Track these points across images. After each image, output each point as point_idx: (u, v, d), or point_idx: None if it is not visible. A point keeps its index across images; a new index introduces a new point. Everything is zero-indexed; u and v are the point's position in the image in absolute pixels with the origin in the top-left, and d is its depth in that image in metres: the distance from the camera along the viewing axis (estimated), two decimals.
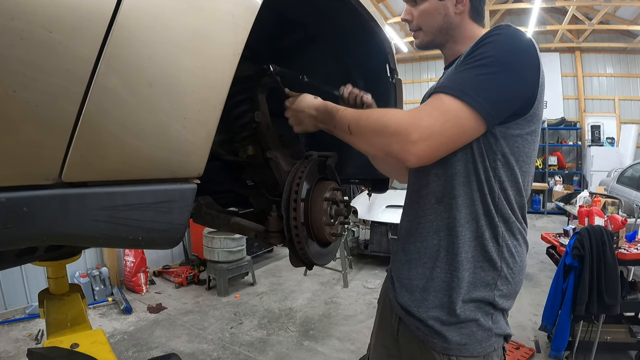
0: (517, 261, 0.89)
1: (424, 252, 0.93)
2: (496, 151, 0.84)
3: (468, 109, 0.76)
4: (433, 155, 0.80)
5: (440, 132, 0.77)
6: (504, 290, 0.88)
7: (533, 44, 0.81)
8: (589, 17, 7.66)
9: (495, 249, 0.86)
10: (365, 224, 5.05)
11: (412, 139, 0.77)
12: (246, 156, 1.18)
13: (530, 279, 4.34)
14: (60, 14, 0.47)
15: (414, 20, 0.99)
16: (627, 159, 7.75)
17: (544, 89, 0.84)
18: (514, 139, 0.84)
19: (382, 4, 7.26)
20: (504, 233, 0.87)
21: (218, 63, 0.66)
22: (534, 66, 0.80)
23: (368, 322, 3.45)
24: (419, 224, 0.94)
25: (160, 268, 4.69)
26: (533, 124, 0.85)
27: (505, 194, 0.86)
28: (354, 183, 1.71)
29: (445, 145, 0.80)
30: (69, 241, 0.56)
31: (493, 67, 0.78)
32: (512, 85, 0.78)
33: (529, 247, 0.94)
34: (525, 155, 0.87)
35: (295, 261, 1.06)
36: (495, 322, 0.88)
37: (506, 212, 0.86)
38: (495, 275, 0.87)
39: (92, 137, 0.52)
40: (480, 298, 0.87)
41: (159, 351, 2.97)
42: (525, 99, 0.81)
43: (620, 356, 2.68)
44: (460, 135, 0.80)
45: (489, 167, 0.85)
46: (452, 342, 0.87)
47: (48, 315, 1.32)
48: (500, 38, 0.81)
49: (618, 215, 2.81)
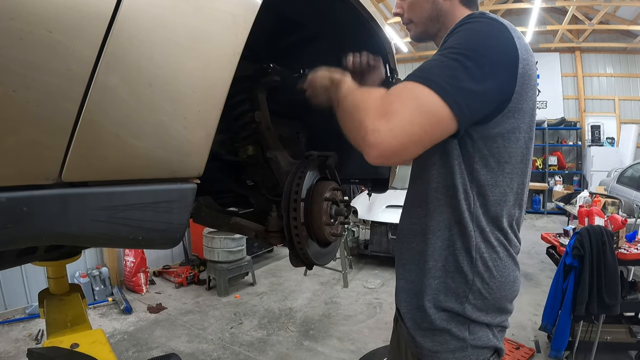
0: (496, 276, 0.81)
1: (405, 253, 0.92)
2: (473, 154, 0.78)
3: (437, 97, 0.69)
4: (397, 150, 0.69)
5: (409, 121, 0.68)
6: (479, 305, 0.82)
7: (508, 31, 0.75)
8: (589, 17, 7.65)
9: (467, 260, 0.81)
10: (365, 224, 5.05)
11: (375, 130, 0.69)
12: (246, 156, 1.18)
13: (530, 279, 4.34)
14: (60, 14, 0.47)
15: (405, 13, 0.97)
16: (627, 159, 7.75)
17: (529, 79, 0.76)
18: (494, 139, 0.77)
19: (382, 4, 7.26)
20: (478, 244, 0.80)
21: (218, 63, 0.66)
22: (510, 56, 0.73)
23: (368, 322, 3.45)
24: (404, 225, 0.94)
25: (160, 268, 4.69)
26: (514, 119, 0.77)
27: (484, 200, 0.80)
28: (354, 183, 1.71)
29: (412, 137, 0.69)
30: (69, 241, 0.56)
31: (461, 58, 0.71)
32: (480, 77, 0.70)
33: (517, 254, 0.87)
34: (509, 156, 0.79)
35: (295, 261, 1.06)
36: (473, 333, 0.83)
37: (484, 221, 0.80)
38: (466, 288, 0.81)
39: (92, 137, 0.52)
40: (450, 309, 0.82)
41: (159, 351, 2.97)
42: (500, 91, 0.74)
43: (620, 356, 2.68)
44: (428, 128, 0.70)
45: (465, 172, 0.79)
46: (424, 347, 0.85)
47: (48, 315, 1.32)
48: (471, 27, 0.76)
49: (618, 215, 2.80)
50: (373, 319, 3.51)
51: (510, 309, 0.87)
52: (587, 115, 8.79)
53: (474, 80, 0.70)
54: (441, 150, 0.81)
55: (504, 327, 0.88)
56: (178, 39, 0.60)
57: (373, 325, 3.39)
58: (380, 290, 4.18)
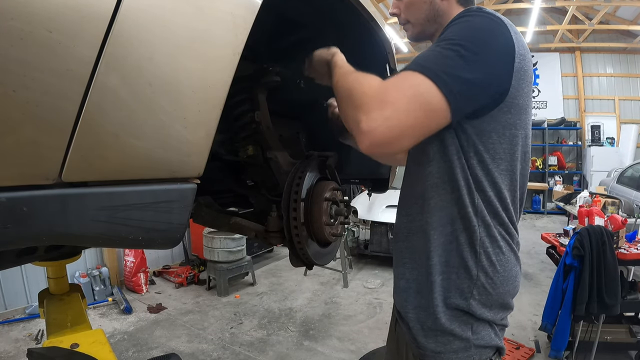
0: (499, 271, 0.81)
1: (405, 251, 0.91)
2: (468, 149, 0.78)
3: (434, 86, 0.69)
4: (391, 140, 0.70)
5: (405, 111, 0.69)
6: (483, 301, 0.81)
7: (505, 26, 0.74)
8: (589, 17, 7.66)
9: (471, 255, 0.80)
10: (365, 224, 5.05)
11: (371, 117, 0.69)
12: (246, 156, 1.18)
13: (530, 279, 4.34)
14: (60, 14, 0.47)
15: (402, 14, 0.97)
16: (627, 159, 7.76)
17: (525, 75, 0.76)
18: (488, 135, 0.77)
19: (382, 4, 7.26)
20: (482, 239, 0.80)
21: (218, 63, 0.66)
22: (506, 50, 0.73)
23: (368, 322, 3.45)
24: (401, 224, 0.93)
25: (160, 268, 4.69)
26: (510, 114, 0.77)
27: (484, 195, 0.79)
28: (354, 183, 1.71)
29: (407, 128, 0.70)
30: (69, 241, 0.56)
31: (458, 49, 0.71)
32: (476, 68, 0.71)
33: (518, 250, 0.87)
34: (503, 153, 0.79)
35: (295, 261, 1.06)
36: (476, 332, 0.82)
37: (488, 215, 0.80)
38: (470, 283, 0.81)
39: (92, 137, 0.52)
40: (456, 306, 0.82)
41: (159, 351, 2.97)
42: (496, 83, 0.73)
43: (620, 356, 2.68)
44: (422, 117, 0.70)
45: (466, 166, 0.79)
46: (427, 348, 0.84)
47: (48, 315, 1.32)
48: (468, 20, 0.75)
49: (618, 215, 2.80)
50: (373, 319, 3.51)
51: (511, 304, 0.87)
52: (587, 115, 8.80)
53: (470, 70, 0.70)
54: (439, 146, 0.81)
55: (504, 325, 0.88)
56: (178, 39, 0.60)
57: (373, 325, 3.39)
58: (380, 290, 4.18)
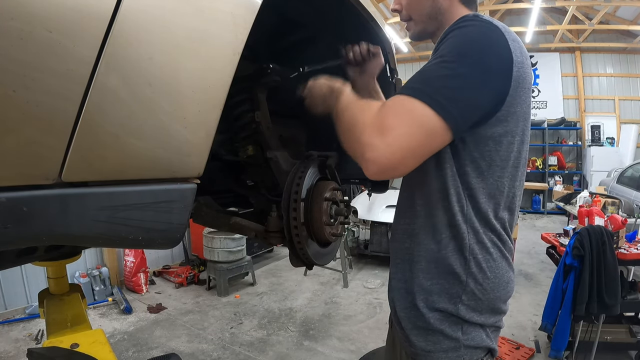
0: (490, 277, 0.81)
1: (398, 252, 0.92)
2: (464, 156, 0.78)
3: (430, 110, 0.70)
4: (396, 165, 0.71)
5: (405, 136, 0.70)
6: (473, 306, 0.82)
7: (502, 34, 0.74)
8: (589, 17, 7.65)
9: (460, 262, 0.81)
10: (365, 224, 5.05)
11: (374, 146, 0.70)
12: (246, 156, 1.18)
13: (530, 279, 4.34)
14: (60, 14, 0.47)
15: (404, 10, 0.96)
16: (627, 159, 7.75)
17: (523, 82, 0.76)
18: (485, 142, 0.77)
19: (382, 4, 7.25)
20: (472, 246, 0.80)
21: (218, 63, 0.66)
22: (503, 60, 0.73)
23: (368, 322, 3.45)
24: (397, 225, 0.94)
25: (160, 268, 4.69)
26: (507, 122, 0.77)
27: (475, 203, 0.80)
28: (354, 183, 1.71)
29: (409, 151, 0.71)
30: (69, 241, 0.56)
31: (454, 66, 0.71)
32: (473, 84, 0.71)
33: (512, 257, 0.87)
34: (500, 159, 0.79)
35: (295, 261, 1.06)
36: (467, 333, 0.83)
37: (477, 222, 0.80)
38: (459, 289, 0.81)
39: (92, 137, 0.52)
40: (444, 309, 0.82)
41: (159, 351, 2.97)
42: (493, 95, 0.74)
43: (620, 356, 2.68)
44: (425, 142, 0.71)
45: (457, 174, 0.79)
46: (418, 347, 0.85)
47: (48, 315, 1.32)
48: (463, 32, 0.75)
49: (618, 215, 2.80)
50: (373, 319, 3.51)
51: (504, 309, 0.87)
52: (587, 115, 8.79)
53: (467, 87, 0.71)
54: (433, 155, 0.80)
55: (498, 327, 0.88)
56: (178, 40, 0.60)
57: (373, 325, 3.39)
58: (380, 290, 4.18)
